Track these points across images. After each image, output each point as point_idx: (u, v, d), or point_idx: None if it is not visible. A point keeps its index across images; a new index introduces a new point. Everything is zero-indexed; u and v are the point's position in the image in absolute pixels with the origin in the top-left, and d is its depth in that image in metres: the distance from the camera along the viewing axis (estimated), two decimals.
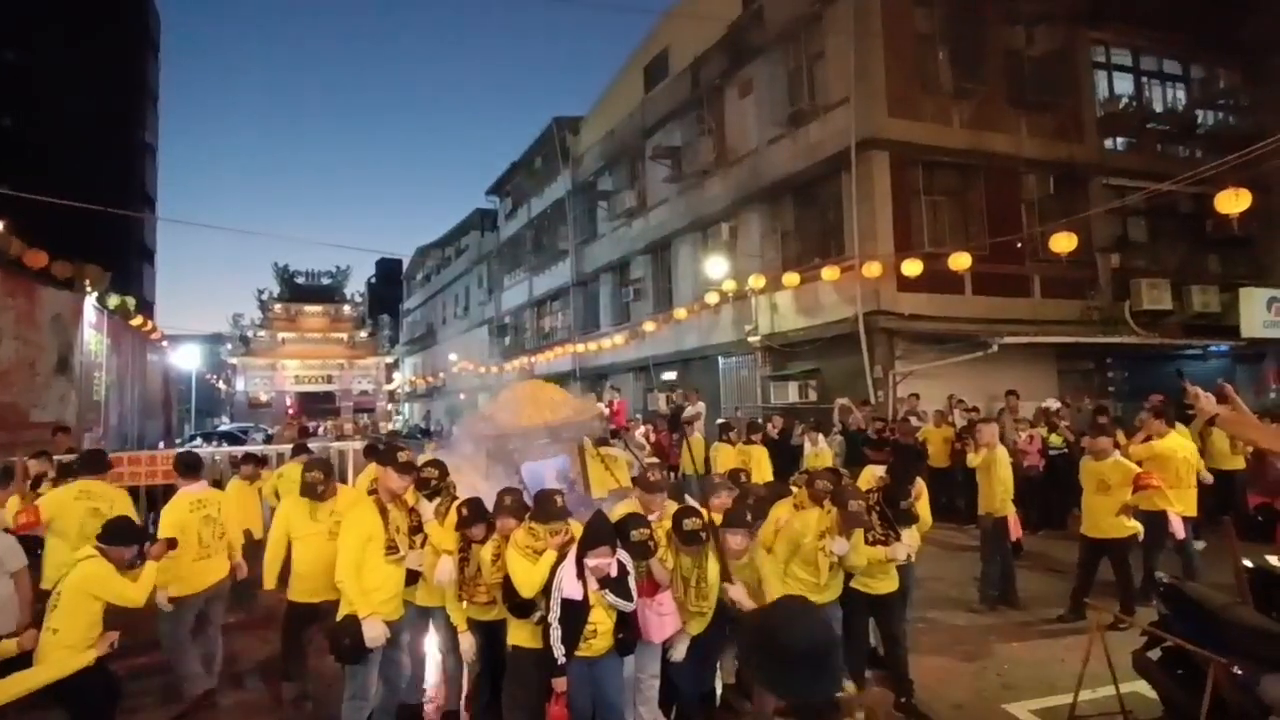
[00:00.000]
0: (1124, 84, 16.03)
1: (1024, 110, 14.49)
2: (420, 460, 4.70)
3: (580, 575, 3.65)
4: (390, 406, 46.71)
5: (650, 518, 4.30)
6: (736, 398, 17.01)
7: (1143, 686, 4.56)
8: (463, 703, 4.62)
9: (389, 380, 47.38)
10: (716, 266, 16.21)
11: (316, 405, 41.84)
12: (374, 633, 3.84)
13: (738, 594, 3.45)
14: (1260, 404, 12.99)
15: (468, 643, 4.25)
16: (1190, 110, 16.66)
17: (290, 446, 9.84)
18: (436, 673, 4.92)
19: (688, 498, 4.73)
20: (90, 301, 13.41)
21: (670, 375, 19.48)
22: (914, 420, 10.89)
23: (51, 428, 9.21)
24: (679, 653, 4.17)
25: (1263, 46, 15.66)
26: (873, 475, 5.12)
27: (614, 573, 3.67)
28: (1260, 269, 15.63)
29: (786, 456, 10.64)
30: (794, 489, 4.87)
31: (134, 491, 9.27)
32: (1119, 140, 15.89)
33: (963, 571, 7.66)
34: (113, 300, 15.05)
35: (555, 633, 3.59)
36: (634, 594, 3.75)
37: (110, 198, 28.50)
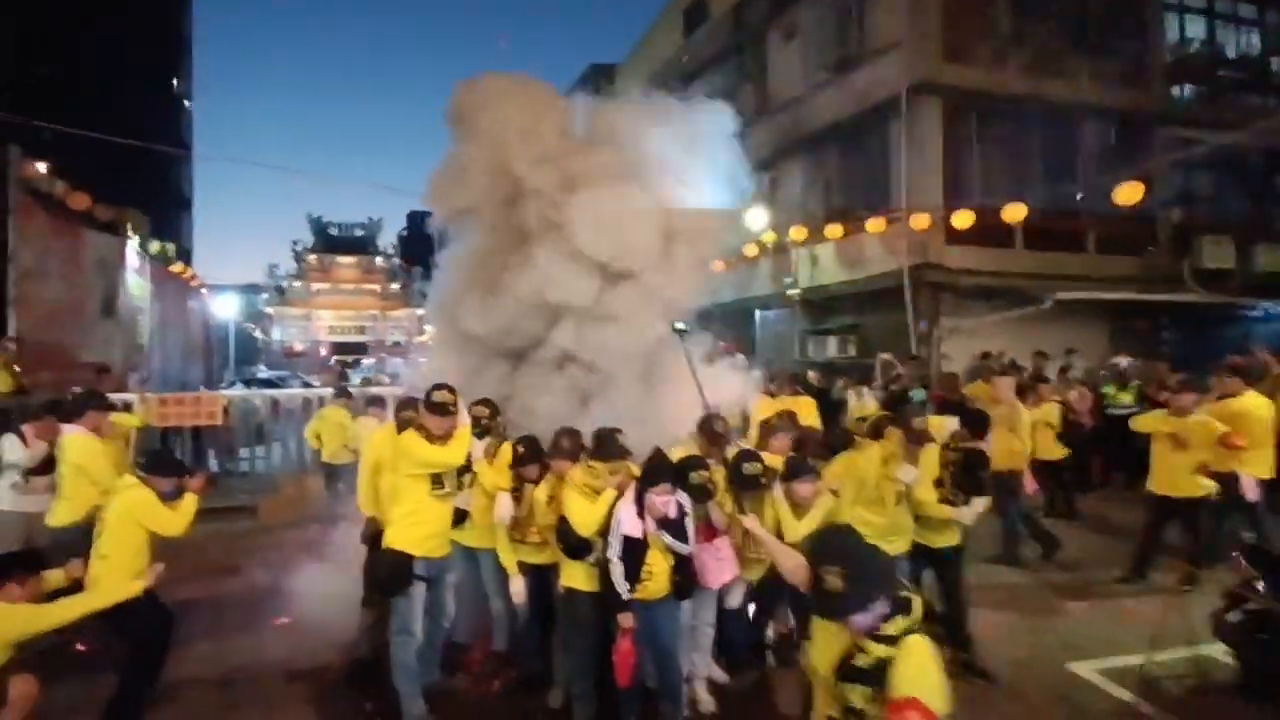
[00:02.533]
0: (1195, 27, 15.08)
1: (1086, 55, 13.67)
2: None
3: (640, 513, 3.54)
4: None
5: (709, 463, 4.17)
6: (773, 351, 16.75)
7: (1215, 650, 4.39)
8: (510, 645, 4.58)
9: (420, 332, 47.74)
10: (755, 217, 15.79)
11: (350, 356, 42.36)
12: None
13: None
14: None
15: (519, 585, 4.18)
16: (1265, 57, 15.66)
17: (330, 390, 9.90)
18: (484, 615, 4.89)
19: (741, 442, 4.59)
20: (132, 246, 13.51)
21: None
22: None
23: (94, 368, 9.30)
24: (735, 599, 4.07)
25: None
26: (943, 425, 4.90)
27: (672, 514, 3.55)
28: None
29: (827, 412, 10.43)
30: (858, 439, 4.69)
31: (176, 431, 9.48)
32: (1187, 88, 15.02)
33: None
34: (153, 246, 15.18)
35: (617, 569, 3.49)
36: (690, 537, 3.63)
37: (149, 148, 28.58)
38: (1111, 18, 13.68)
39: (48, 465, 5.76)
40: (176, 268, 17.70)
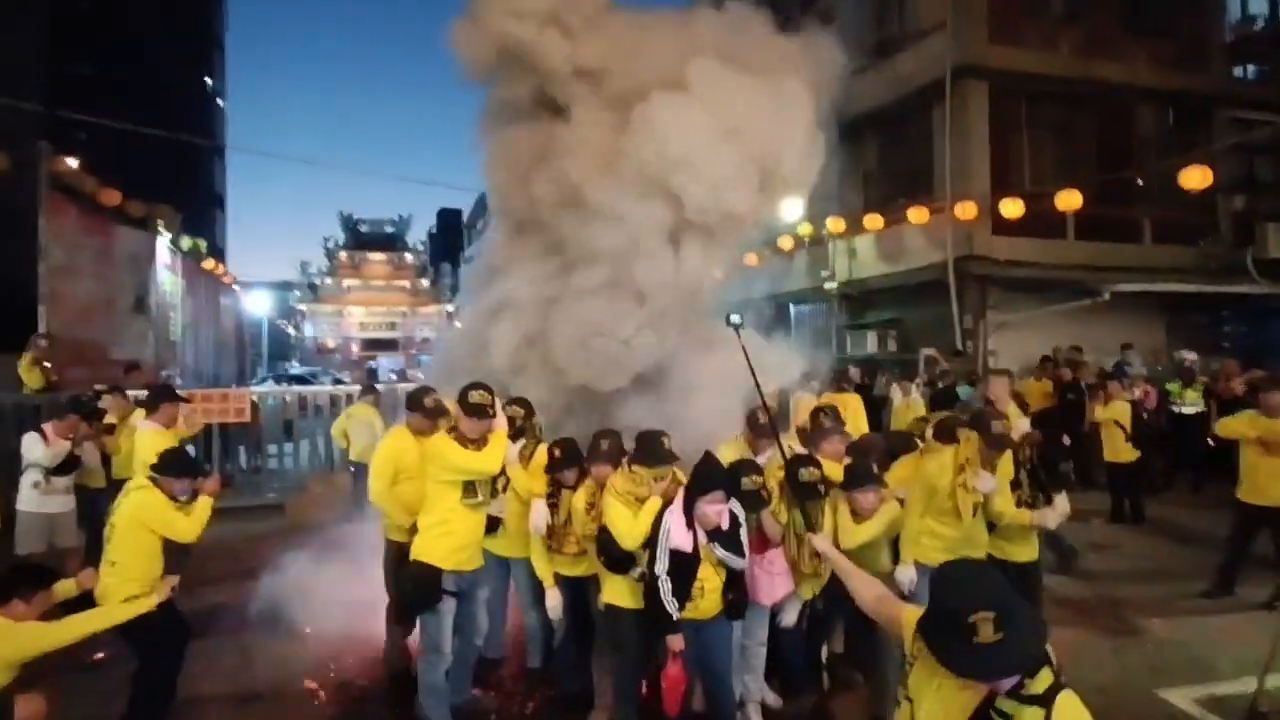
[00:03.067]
0: (1258, 4, 14.30)
1: (1141, 35, 13.01)
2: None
3: (690, 524, 3.20)
4: None
5: (759, 458, 3.84)
6: (810, 348, 16.25)
7: None
8: (545, 663, 4.29)
9: (451, 328, 47.89)
10: (791, 209, 15.33)
11: (380, 352, 42.63)
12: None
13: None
14: None
15: (555, 599, 3.88)
16: None
17: (359, 388, 9.72)
18: (517, 629, 4.60)
19: (794, 446, 4.22)
20: (164, 242, 13.49)
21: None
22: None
23: (125, 365, 9.21)
24: (789, 617, 3.73)
25: None
26: (1016, 423, 4.48)
27: (725, 524, 3.21)
28: None
29: (870, 410, 10.00)
30: (920, 442, 4.31)
31: (207, 429, 9.34)
32: (1249, 68, 14.26)
33: (1075, 539, 6.99)
34: (185, 242, 15.16)
35: (665, 586, 3.14)
36: (746, 549, 3.29)
37: (181, 143, 28.90)
38: None
39: (69, 465, 5.62)
40: (209, 264, 17.72)
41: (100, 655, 4.52)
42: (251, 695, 4.28)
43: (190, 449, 9.59)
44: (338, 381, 18.65)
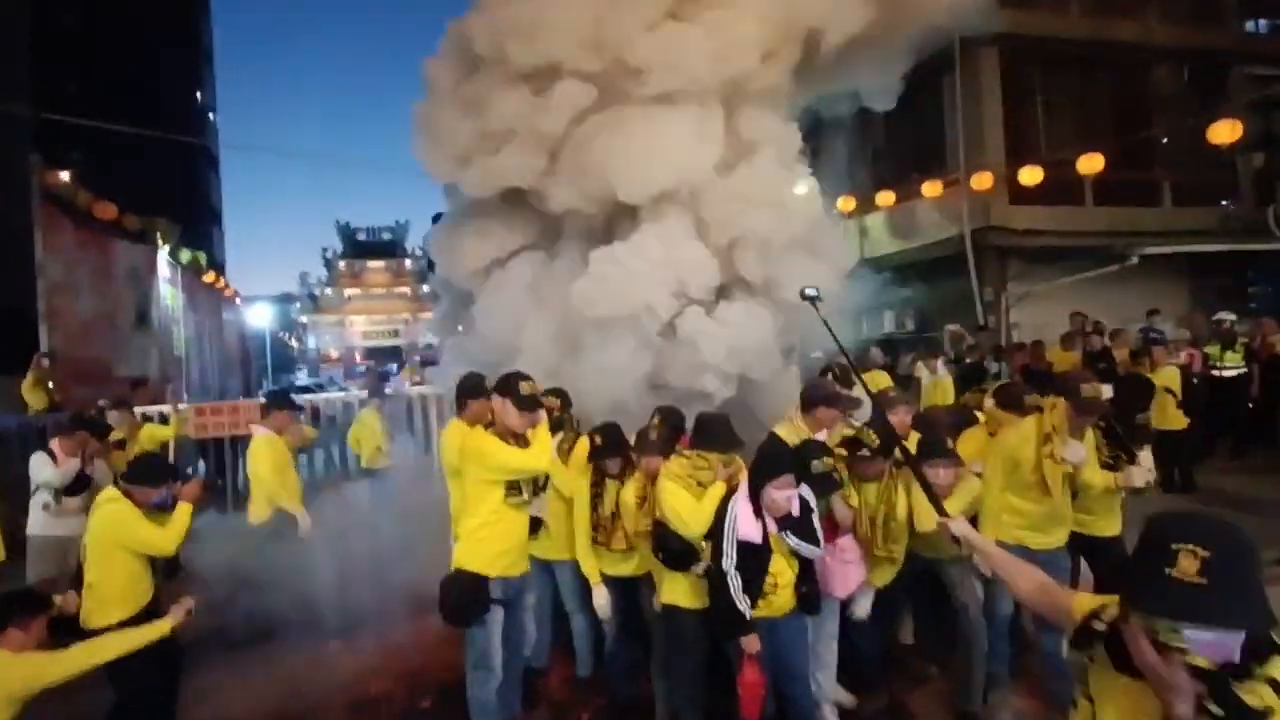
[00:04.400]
0: None
1: None
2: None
3: (758, 512, 2.92)
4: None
5: (819, 437, 3.56)
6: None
7: None
8: (596, 670, 4.02)
9: (454, 333, 47.69)
10: (798, 187, 15.04)
11: (385, 360, 42.49)
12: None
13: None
14: None
15: (602, 596, 3.62)
16: None
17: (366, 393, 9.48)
18: (563, 635, 4.33)
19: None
20: (163, 256, 13.25)
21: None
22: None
23: (130, 382, 8.97)
24: (863, 608, 3.45)
25: None
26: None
27: (796, 511, 2.93)
28: None
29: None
30: (979, 414, 4.03)
31: (217, 442, 9.08)
32: (1262, 22, 13.92)
33: (1133, 512, 6.71)
34: (185, 255, 14.91)
35: (736, 581, 2.87)
36: (820, 537, 3.01)
37: (173, 158, 28.62)
38: None
39: (81, 484, 5.37)
40: (209, 278, 17.47)
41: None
42: (285, 717, 4.02)
43: (201, 465, 9.43)
44: (344, 391, 18.41)
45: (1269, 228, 12.63)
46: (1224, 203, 13.04)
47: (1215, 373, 8.48)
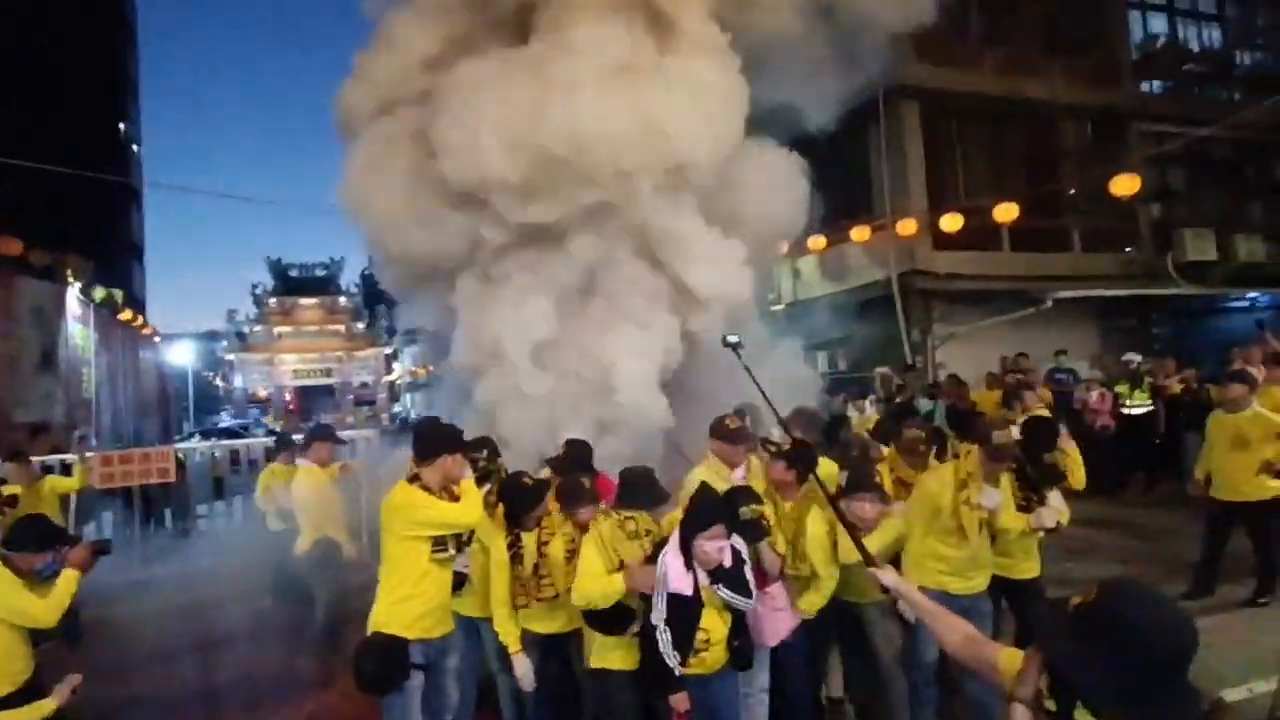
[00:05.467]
0: (1159, 23, 15.16)
1: (1058, 54, 13.60)
2: None
3: (689, 565, 2.87)
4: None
5: (735, 475, 3.57)
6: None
7: None
8: None
9: (389, 371, 46.56)
10: None
11: (317, 399, 41.15)
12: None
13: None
14: None
15: (522, 666, 3.42)
16: (1227, 51, 15.81)
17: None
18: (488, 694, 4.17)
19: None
20: (74, 294, 12.60)
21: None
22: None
23: (29, 427, 8.40)
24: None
25: None
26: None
27: (727, 562, 2.89)
28: None
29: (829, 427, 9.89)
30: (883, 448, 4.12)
31: (126, 491, 8.57)
32: (1155, 84, 15.06)
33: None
34: (98, 293, 14.22)
35: (665, 637, 2.80)
36: (753, 588, 2.98)
37: (91, 191, 27.41)
38: (1078, 16, 13.64)
39: None
40: (126, 316, 16.68)
41: None
42: None
43: (109, 516, 8.87)
44: (271, 433, 17.69)
45: (1169, 273, 13.53)
46: (1128, 249, 13.90)
47: (1125, 410, 8.93)
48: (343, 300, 45.08)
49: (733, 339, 3.48)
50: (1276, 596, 5.08)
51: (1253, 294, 14.15)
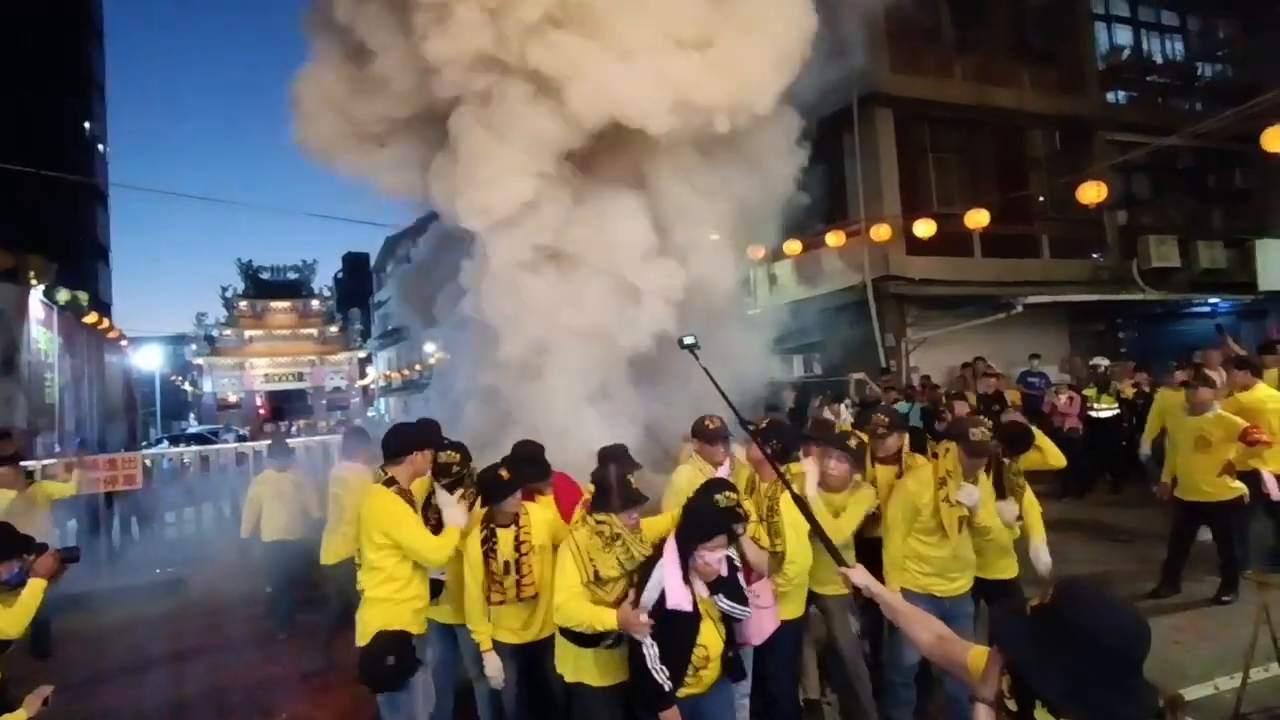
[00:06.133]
0: (1124, 35, 15.54)
1: (1027, 63, 13.90)
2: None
3: (687, 578, 2.77)
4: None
5: (719, 473, 3.56)
6: (735, 372, 16.29)
7: None
8: None
9: (362, 376, 46.06)
10: None
11: (288, 404, 40.58)
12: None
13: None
14: None
15: (494, 665, 3.39)
16: (1190, 62, 16.25)
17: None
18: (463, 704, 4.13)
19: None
20: (37, 296, 12.30)
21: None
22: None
23: None
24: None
25: None
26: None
27: (724, 571, 2.79)
28: (1263, 223, 15.26)
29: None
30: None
31: (92, 498, 8.37)
32: (1121, 94, 15.42)
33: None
34: (62, 295, 13.88)
35: (652, 651, 2.68)
36: (747, 594, 2.91)
37: (55, 191, 26.80)
38: (1046, 26, 13.93)
39: None
40: (91, 319, 16.30)
41: None
42: None
43: (73, 524, 8.63)
44: (241, 438, 17.40)
45: (1135, 279, 13.85)
46: (1095, 255, 14.20)
47: (1092, 414, 9.10)
48: (315, 303, 44.54)
49: (688, 340, 3.50)
50: (1239, 595, 5.19)
51: (1214, 299, 14.52)
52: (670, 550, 2.81)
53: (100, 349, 17.38)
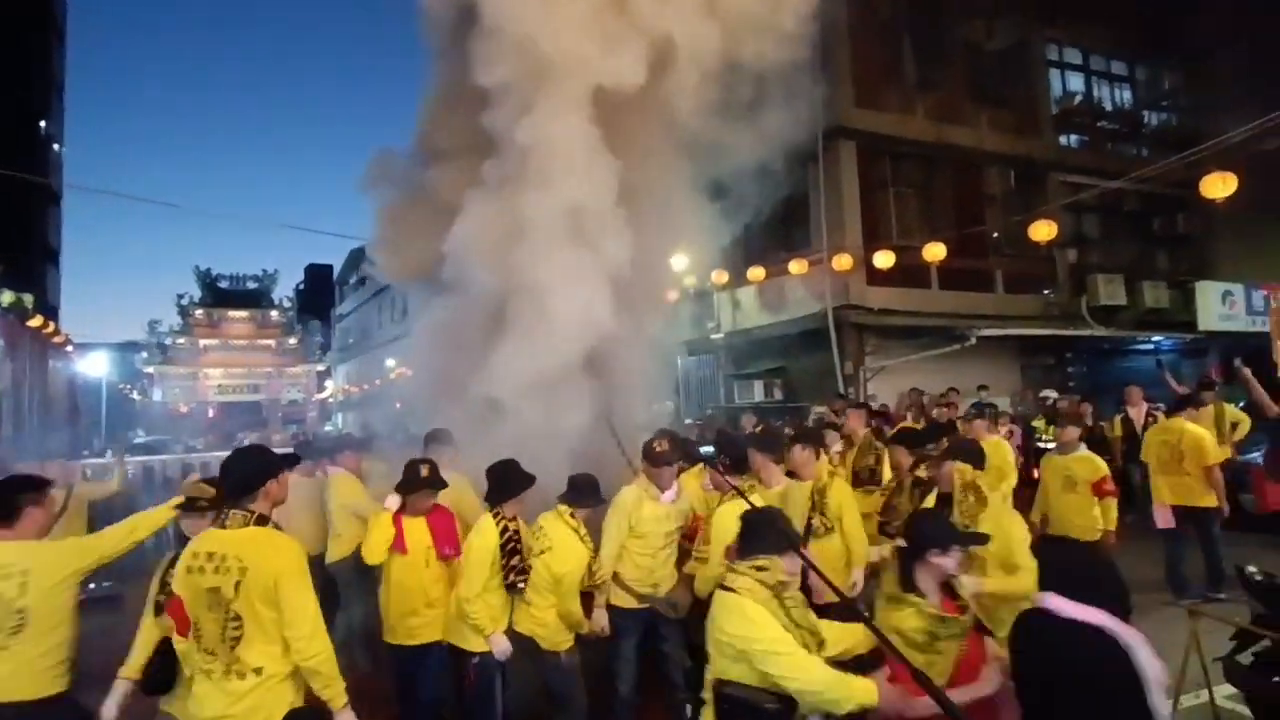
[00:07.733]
0: (1076, 82, 16.22)
1: (984, 104, 14.41)
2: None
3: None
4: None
5: (664, 498, 3.64)
6: (697, 398, 16.41)
7: (1226, 695, 4.09)
8: None
9: (320, 389, 45.23)
10: (677, 260, 15.57)
11: (243, 416, 39.60)
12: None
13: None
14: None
15: (501, 644, 3.56)
16: (1137, 110, 16.99)
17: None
18: None
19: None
20: None
21: None
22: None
23: None
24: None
25: (1201, 49, 16.03)
26: None
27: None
28: (1203, 265, 15.96)
29: None
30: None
31: None
32: (1073, 138, 16.05)
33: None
34: (6, 297, 13.45)
35: None
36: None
37: (6, 190, 26.04)
38: (1004, 70, 14.49)
39: None
40: (36, 322, 15.79)
41: None
42: None
43: None
44: (190, 449, 16.91)
45: (1083, 315, 14.34)
46: (1046, 291, 14.67)
47: (1040, 445, 9.33)
48: (274, 314, 43.81)
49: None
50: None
51: (1158, 337, 15.09)
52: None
53: (44, 354, 16.82)
